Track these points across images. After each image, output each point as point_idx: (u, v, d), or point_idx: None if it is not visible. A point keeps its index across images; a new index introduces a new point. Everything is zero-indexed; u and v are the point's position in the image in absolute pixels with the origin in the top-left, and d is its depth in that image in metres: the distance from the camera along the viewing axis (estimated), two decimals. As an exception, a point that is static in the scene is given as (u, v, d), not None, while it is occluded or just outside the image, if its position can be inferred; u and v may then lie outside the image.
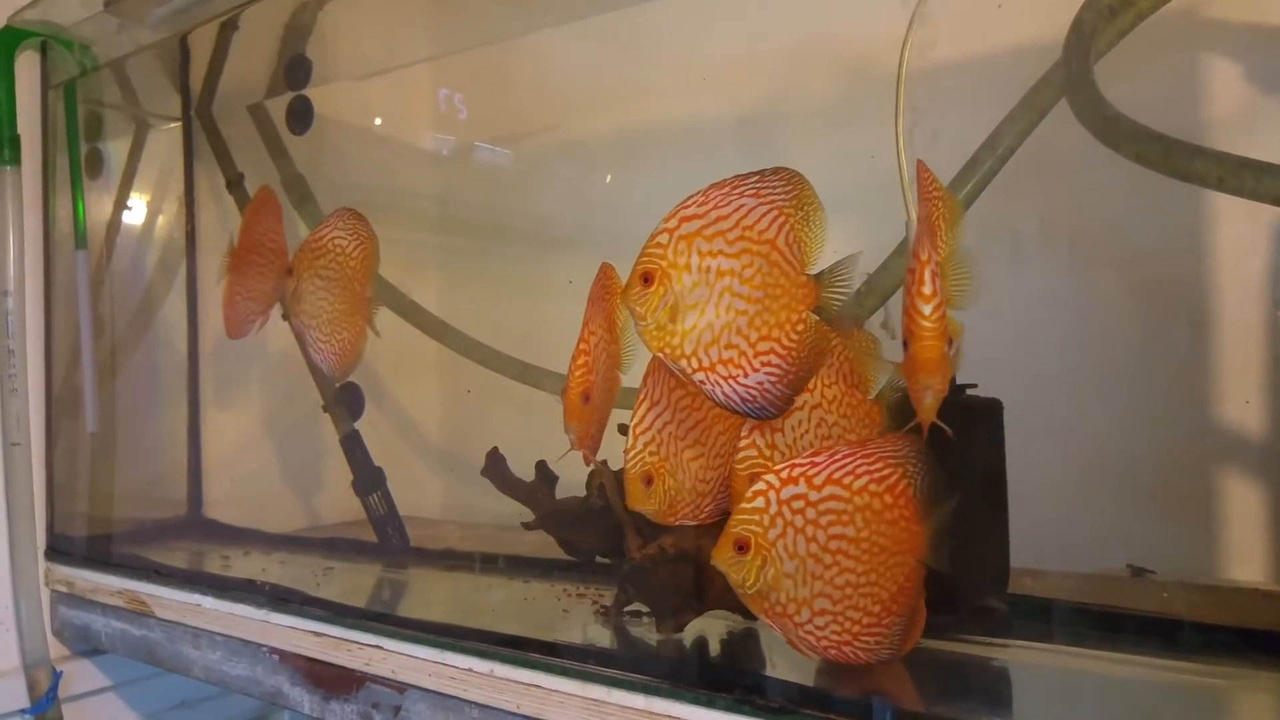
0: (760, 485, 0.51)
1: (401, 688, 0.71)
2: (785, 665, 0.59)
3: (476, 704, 0.65)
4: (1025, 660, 0.63)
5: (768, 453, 0.56)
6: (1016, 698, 0.59)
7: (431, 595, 0.94)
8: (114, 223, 1.22)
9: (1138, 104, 0.67)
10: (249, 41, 1.13)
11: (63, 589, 1.07)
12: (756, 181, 0.53)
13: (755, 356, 0.53)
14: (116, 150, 1.22)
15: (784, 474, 0.51)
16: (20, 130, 1.10)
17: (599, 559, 0.76)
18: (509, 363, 1.06)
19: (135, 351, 1.24)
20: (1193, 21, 0.80)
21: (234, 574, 0.96)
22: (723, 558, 0.52)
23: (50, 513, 1.13)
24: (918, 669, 0.58)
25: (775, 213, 0.53)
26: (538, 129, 1.23)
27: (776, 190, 0.53)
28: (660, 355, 0.54)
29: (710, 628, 0.66)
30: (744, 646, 0.65)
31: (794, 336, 0.53)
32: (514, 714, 0.63)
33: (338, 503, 1.16)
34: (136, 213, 1.25)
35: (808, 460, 0.51)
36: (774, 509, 0.51)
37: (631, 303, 0.53)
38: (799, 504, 0.51)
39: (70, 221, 1.16)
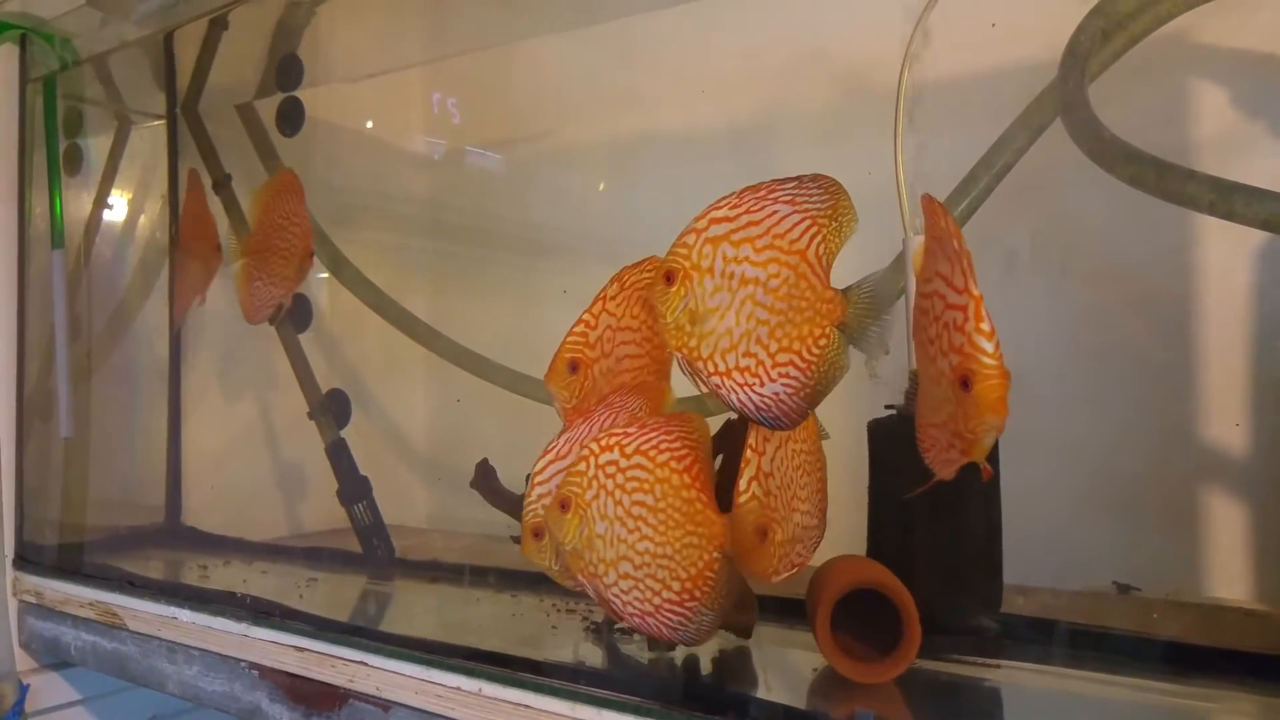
0: (585, 451, 0.55)
1: (386, 705, 0.69)
2: (779, 686, 0.59)
3: (463, 723, 0.64)
4: (1017, 681, 0.63)
5: (765, 499, 0.54)
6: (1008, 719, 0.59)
7: (417, 609, 0.92)
8: (93, 221, 1.19)
9: (1127, 126, 0.67)
10: (239, 40, 1.11)
11: (31, 599, 1.04)
12: (793, 188, 0.52)
13: (774, 367, 0.52)
14: (97, 147, 1.19)
15: (603, 442, 0.55)
16: (-4, 125, 1.07)
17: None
18: (499, 371, 1.04)
19: (113, 354, 1.21)
20: (1182, 46, 0.82)
21: (213, 585, 0.93)
22: (550, 515, 0.56)
23: (19, 519, 1.09)
24: (912, 690, 0.57)
25: (809, 222, 0.51)
26: (532, 135, 1.22)
27: (813, 199, 0.52)
28: (677, 356, 0.53)
29: (701, 647, 0.65)
30: (736, 666, 0.64)
31: (815, 351, 0.52)
32: (502, 734, 0.62)
33: (321, 511, 1.14)
34: (117, 212, 1.22)
35: (622, 431, 0.55)
36: (592, 472, 0.55)
37: (655, 299, 0.52)
38: (611, 469, 0.55)
39: (46, 219, 1.13)
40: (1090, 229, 0.85)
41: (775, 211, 0.51)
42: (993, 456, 0.64)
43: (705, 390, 0.55)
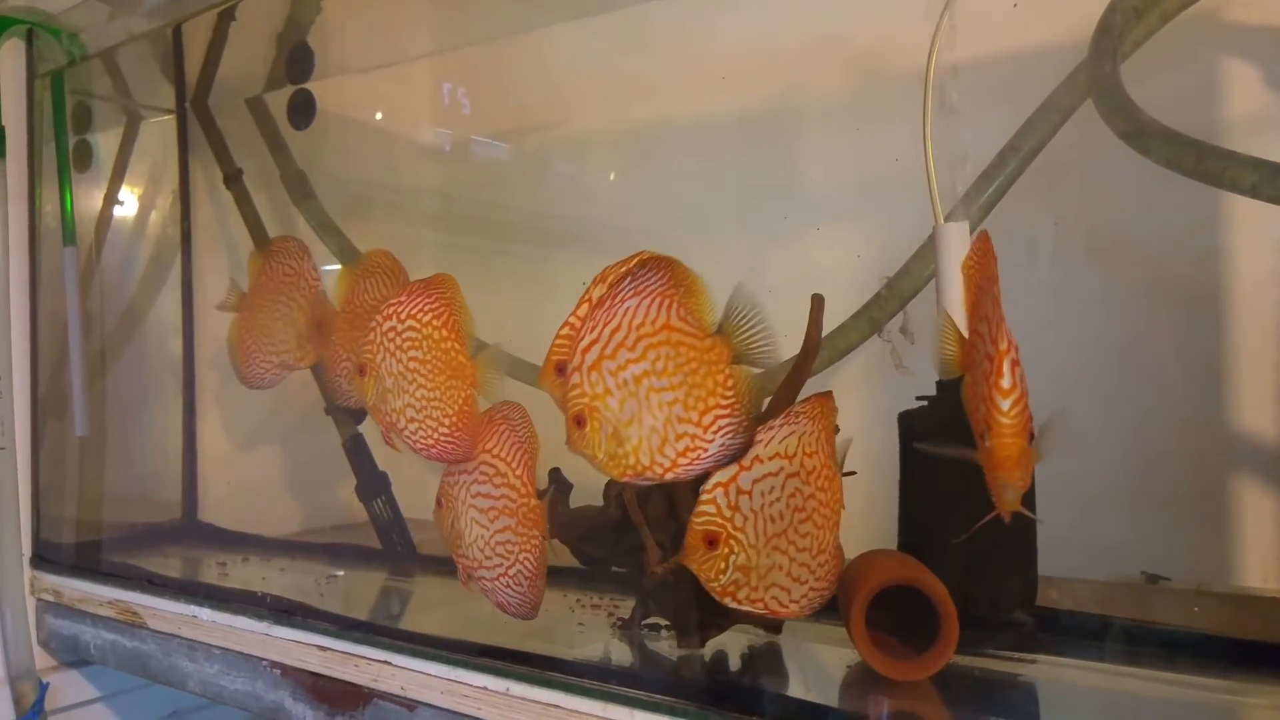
0: (373, 324, 0.66)
1: (411, 705, 0.68)
2: (813, 683, 0.58)
3: (491, 723, 0.63)
4: (1055, 677, 0.62)
5: (728, 513, 0.56)
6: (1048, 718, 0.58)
7: (440, 605, 0.92)
8: (104, 218, 1.18)
9: (1156, 105, 0.66)
10: (248, 32, 1.09)
11: (49, 598, 1.04)
12: (630, 282, 0.56)
13: (706, 430, 0.56)
14: (106, 143, 1.18)
15: (385, 312, 0.66)
16: (5, 122, 1.06)
17: (615, 568, 0.74)
18: (521, 366, 1.03)
19: (127, 351, 1.20)
20: (1214, 23, 0.79)
21: (232, 583, 0.92)
22: (355, 382, 0.68)
23: (36, 519, 1.09)
24: (949, 686, 0.56)
25: (658, 300, 0.55)
26: (542, 124, 1.21)
27: (651, 280, 0.56)
28: (627, 479, 0.57)
29: (730, 642, 0.64)
30: (767, 663, 0.63)
31: (729, 394, 0.56)
32: (530, 733, 0.61)
33: (339, 505, 1.13)
34: (128, 207, 1.21)
35: (399, 299, 0.66)
36: (378, 340, 0.66)
37: (578, 449, 0.56)
38: (392, 334, 0.66)
39: (57, 216, 1.12)
40: (1119, 212, 0.83)
41: (626, 309, 0.55)
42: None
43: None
